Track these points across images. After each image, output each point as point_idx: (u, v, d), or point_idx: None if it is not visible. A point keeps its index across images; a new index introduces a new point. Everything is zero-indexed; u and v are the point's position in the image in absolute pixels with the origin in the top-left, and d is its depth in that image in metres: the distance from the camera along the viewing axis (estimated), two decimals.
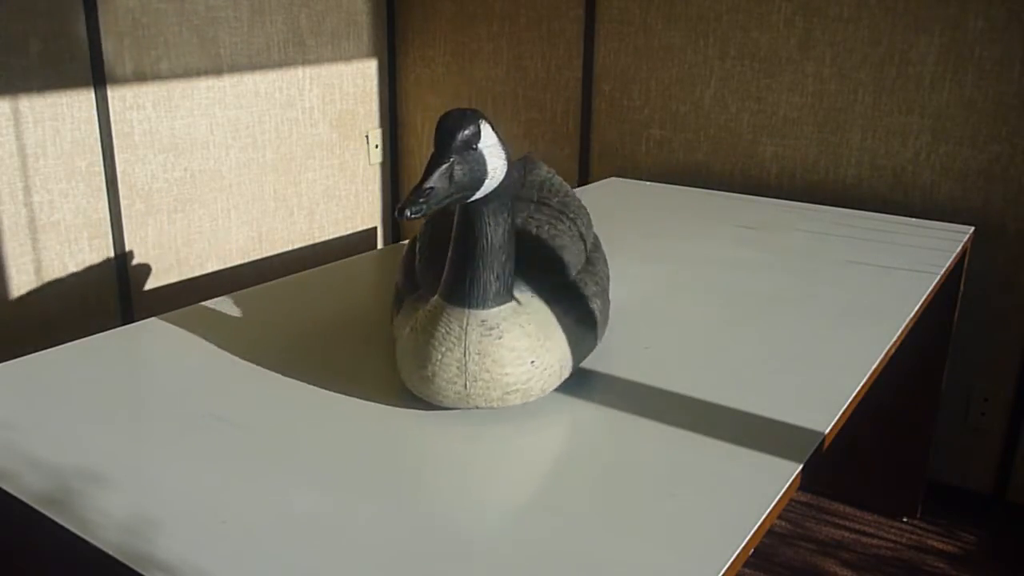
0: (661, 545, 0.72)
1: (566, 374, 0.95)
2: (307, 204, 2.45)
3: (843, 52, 1.90)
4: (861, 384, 1.03)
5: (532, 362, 0.89)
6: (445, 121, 0.84)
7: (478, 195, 0.85)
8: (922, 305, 1.32)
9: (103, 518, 0.75)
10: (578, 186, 2.29)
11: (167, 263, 2.13)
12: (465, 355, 0.87)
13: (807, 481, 0.86)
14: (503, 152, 0.85)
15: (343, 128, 2.51)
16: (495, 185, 0.85)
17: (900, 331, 1.19)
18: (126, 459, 0.85)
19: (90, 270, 1.98)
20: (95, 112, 1.92)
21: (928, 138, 1.85)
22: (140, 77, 1.99)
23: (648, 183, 2.14)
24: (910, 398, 1.87)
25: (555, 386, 0.94)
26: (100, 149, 1.95)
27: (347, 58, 2.47)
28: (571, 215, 1.09)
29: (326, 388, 0.99)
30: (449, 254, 0.90)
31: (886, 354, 1.13)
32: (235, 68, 2.18)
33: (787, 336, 1.17)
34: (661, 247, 1.58)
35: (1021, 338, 1.84)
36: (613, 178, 2.21)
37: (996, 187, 1.80)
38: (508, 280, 0.89)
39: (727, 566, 0.70)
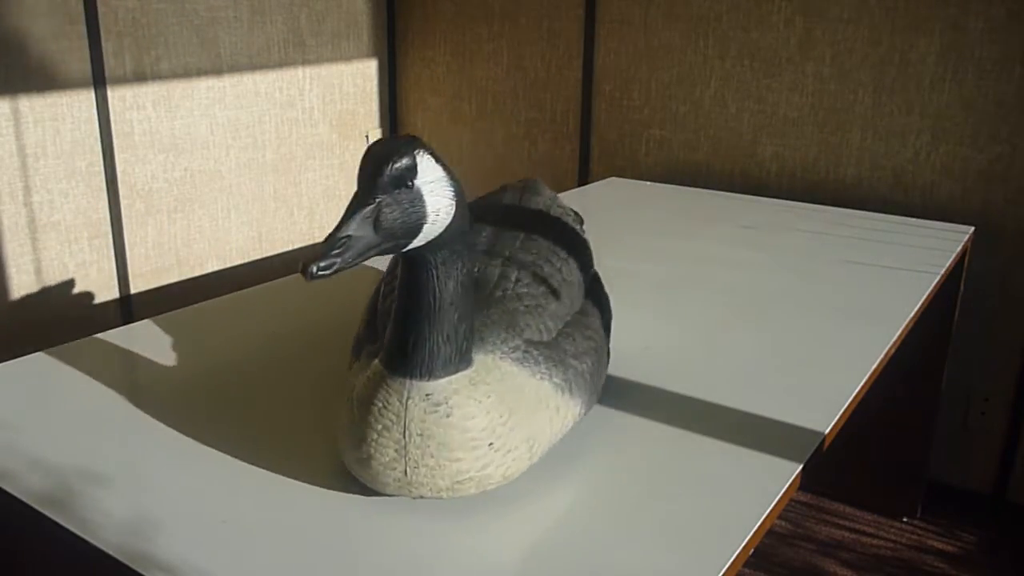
0: (661, 545, 0.72)
1: (539, 453, 0.79)
2: (307, 204, 2.45)
3: (843, 52, 1.90)
4: (861, 384, 1.03)
5: (490, 444, 0.73)
6: (371, 152, 0.68)
7: (418, 242, 0.70)
8: (922, 305, 1.32)
9: (103, 518, 0.75)
10: (578, 186, 2.29)
11: (167, 263, 2.13)
12: (405, 436, 0.72)
13: (807, 481, 0.86)
14: (450, 189, 0.70)
15: (343, 128, 2.51)
16: (440, 230, 0.70)
17: (900, 331, 1.19)
18: (126, 459, 0.85)
19: (90, 270, 1.98)
20: (95, 112, 1.92)
21: (928, 138, 1.85)
22: (140, 77, 1.99)
23: (648, 183, 2.14)
24: (910, 398, 1.87)
25: (523, 470, 0.78)
26: (100, 149, 1.95)
27: (347, 58, 2.47)
28: (564, 253, 0.94)
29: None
30: (392, 311, 0.75)
31: (886, 354, 1.13)
32: (235, 68, 2.18)
33: (787, 336, 1.17)
34: (661, 247, 1.58)
35: (1021, 338, 1.84)
36: (613, 178, 2.21)
37: (996, 187, 1.80)
38: (462, 344, 0.74)
39: (727, 566, 0.70)
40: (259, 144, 2.28)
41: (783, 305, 1.29)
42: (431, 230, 0.69)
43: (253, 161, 2.27)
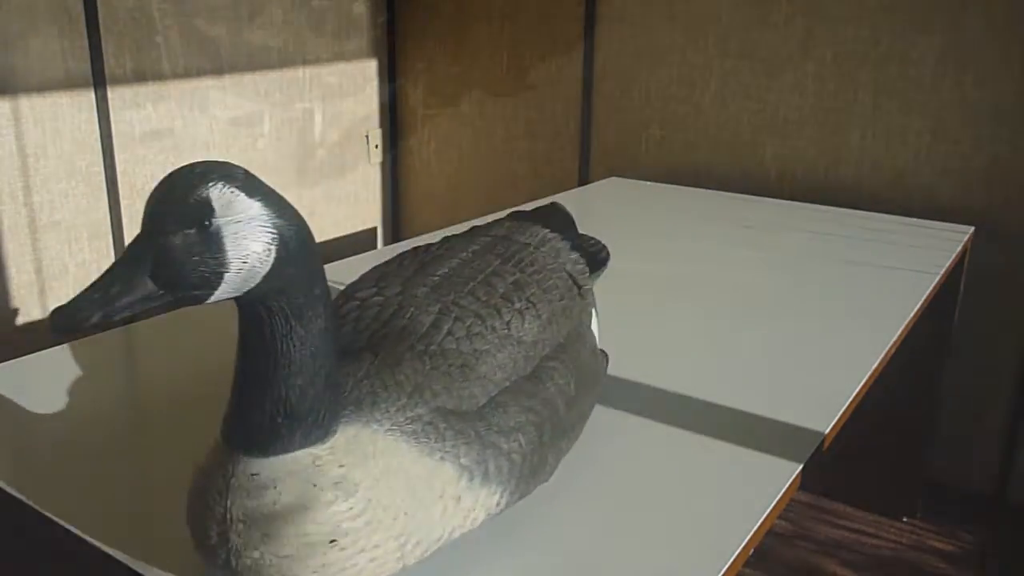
0: (661, 545, 0.72)
1: (418, 555, 0.64)
2: (307, 204, 2.45)
3: (843, 52, 1.90)
4: (861, 384, 1.03)
5: (332, 542, 0.59)
6: (161, 182, 0.56)
7: (225, 295, 0.57)
8: (922, 305, 1.32)
9: (103, 518, 0.75)
10: (578, 186, 2.29)
11: None
12: (227, 518, 0.60)
13: (807, 481, 0.85)
14: (270, 231, 0.57)
15: (343, 128, 2.51)
16: (256, 280, 0.57)
17: (900, 331, 1.19)
18: (126, 459, 0.85)
19: (90, 270, 1.98)
20: (95, 112, 1.92)
21: (928, 138, 1.85)
22: (140, 77, 1.99)
23: (648, 183, 2.14)
24: (910, 398, 1.87)
25: (392, 572, 0.63)
26: (100, 149, 1.95)
27: (347, 58, 2.47)
28: (522, 304, 0.77)
29: None
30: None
31: (886, 354, 1.13)
32: (235, 68, 2.18)
33: (787, 336, 1.17)
34: (660, 247, 1.58)
35: (1021, 338, 1.84)
36: (613, 178, 2.21)
37: (996, 187, 1.80)
38: (308, 414, 0.60)
39: (727, 566, 0.70)
40: (259, 144, 2.28)
41: (783, 305, 1.29)
42: (239, 280, 0.56)
43: (253, 161, 2.27)
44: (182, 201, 0.55)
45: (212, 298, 0.57)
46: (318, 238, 2.55)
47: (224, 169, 0.56)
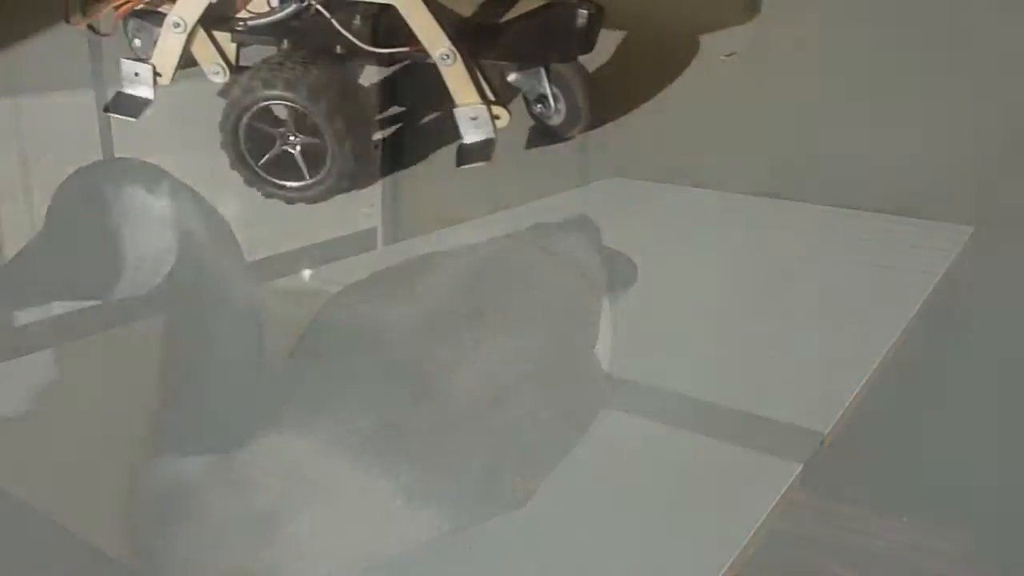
0: (661, 545, 0.72)
1: (341, 572, 0.63)
2: (307, 204, 2.44)
3: (844, 52, 1.90)
4: (861, 384, 1.03)
5: (242, 549, 0.60)
6: (61, 185, 0.61)
7: (126, 289, 0.62)
8: (922, 305, 1.32)
9: (104, 517, 0.75)
10: (578, 186, 2.29)
11: None
12: (143, 517, 0.63)
13: (807, 481, 0.86)
14: (175, 227, 0.61)
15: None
16: (159, 277, 0.62)
17: (900, 331, 1.19)
18: (126, 459, 0.85)
19: None
20: (95, 112, 1.92)
21: (928, 138, 1.85)
22: None
23: (647, 183, 2.14)
24: (910, 398, 1.87)
25: None
26: (100, 149, 1.94)
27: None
28: (498, 320, 0.76)
29: None
30: None
31: (886, 354, 1.13)
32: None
33: (787, 336, 1.17)
34: (660, 247, 1.58)
35: (1021, 338, 1.84)
36: (613, 178, 2.21)
37: (996, 187, 1.80)
38: (227, 418, 0.63)
39: (727, 566, 0.70)
40: None
41: (783, 305, 1.29)
42: (141, 277, 0.61)
43: None
44: (89, 199, 0.58)
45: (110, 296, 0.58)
46: (317, 238, 2.56)
47: (131, 167, 0.59)
